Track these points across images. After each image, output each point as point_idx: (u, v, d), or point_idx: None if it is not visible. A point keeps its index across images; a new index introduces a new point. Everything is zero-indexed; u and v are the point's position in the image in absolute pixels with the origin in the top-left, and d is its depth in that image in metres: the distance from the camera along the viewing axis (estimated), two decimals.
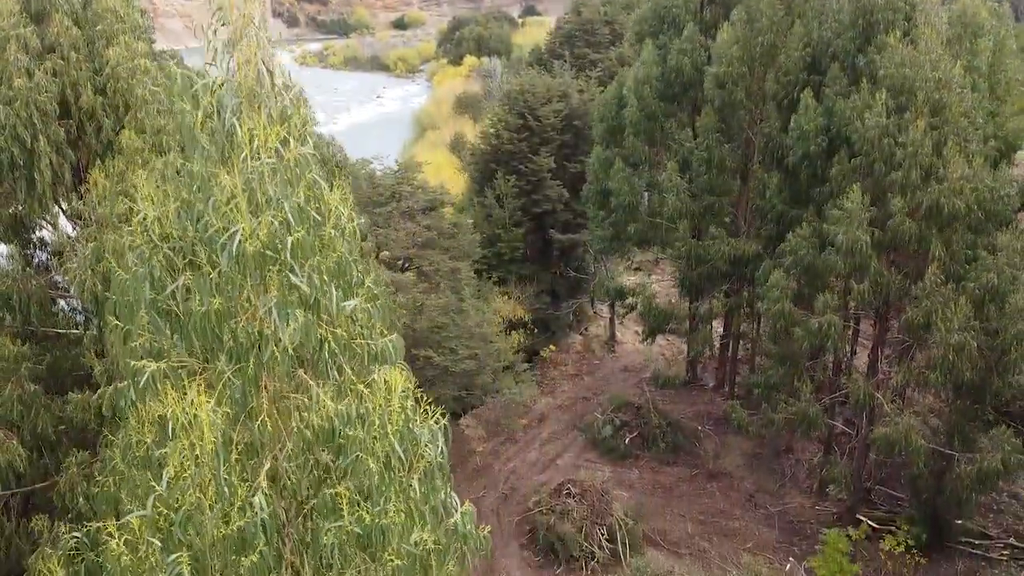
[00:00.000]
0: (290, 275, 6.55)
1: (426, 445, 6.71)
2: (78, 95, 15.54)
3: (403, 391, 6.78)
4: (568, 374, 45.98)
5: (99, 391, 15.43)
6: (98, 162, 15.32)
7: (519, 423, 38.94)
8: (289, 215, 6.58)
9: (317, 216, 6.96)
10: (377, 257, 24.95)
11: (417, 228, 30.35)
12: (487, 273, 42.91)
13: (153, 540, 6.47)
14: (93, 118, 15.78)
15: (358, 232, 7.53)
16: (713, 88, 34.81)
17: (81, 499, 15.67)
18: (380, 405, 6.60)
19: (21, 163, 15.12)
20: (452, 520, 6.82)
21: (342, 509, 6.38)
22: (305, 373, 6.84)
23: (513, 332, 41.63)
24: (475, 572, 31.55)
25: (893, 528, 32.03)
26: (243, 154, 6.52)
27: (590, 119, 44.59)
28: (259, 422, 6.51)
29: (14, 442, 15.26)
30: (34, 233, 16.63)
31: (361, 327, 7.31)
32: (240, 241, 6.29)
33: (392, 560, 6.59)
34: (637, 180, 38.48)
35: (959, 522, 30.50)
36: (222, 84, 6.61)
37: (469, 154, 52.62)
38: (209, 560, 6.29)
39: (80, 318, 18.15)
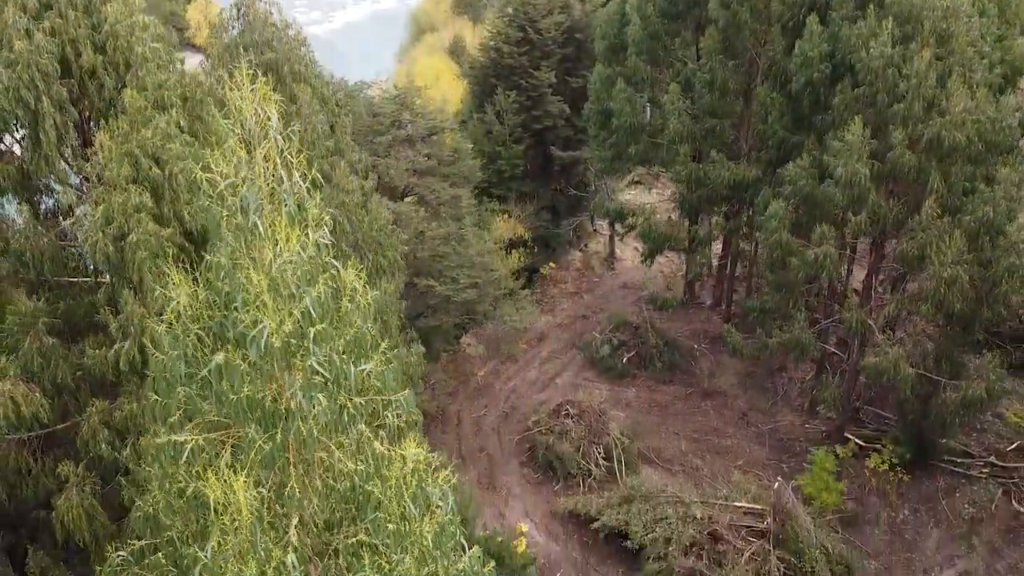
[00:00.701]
0: (313, 362, 6.99)
1: (438, 502, 7.26)
2: (78, 53, 15.50)
3: (415, 456, 7.31)
4: (567, 292, 46.66)
5: (115, 346, 16.04)
6: (103, 123, 15.43)
7: (520, 347, 39.79)
8: (311, 309, 6.96)
9: (333, 303, 7.35)
10: (377, 189, 25.11)
11: (417, 156, 30.34)
12: (487, 192, 42.99)
13: None
14: (94, 76, 15.79)
15: (372, 304, 7.90)
16: (717, 8, 34.09)
17: (103, 446, 16.49)
18: (396, 474, 7.15)
19: (26, 124, 15.27)
20: (463, 561, 7.39)
21: (364, 556, 7.04)
22: (327, 435, 7.36)
23: (513, 251, 42.04)
24: (478, 486, 33.10)
25: (879, 446, 33.35)
26: (268, 257, 6.86)
27: (592, 34, 43.73)
28: (288, 489, 7.08)
29: (37, 395, 15.96)
30: (42, 193, 16.87)
31: (378, 385, 7.83)
32: (268, 336, 6.71)
33: None
34: (640, 99, 38.12)
35: (943, 441, 31.68)
36: (244, 183, 6.84)
37: (468, 66, 51.71)
38: None
39: (91, 266, 18.48)
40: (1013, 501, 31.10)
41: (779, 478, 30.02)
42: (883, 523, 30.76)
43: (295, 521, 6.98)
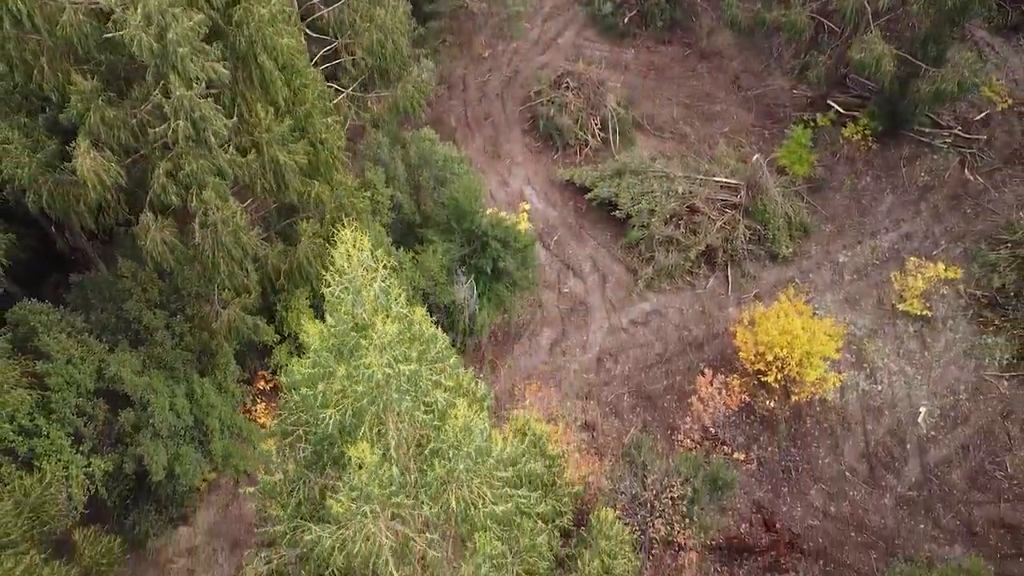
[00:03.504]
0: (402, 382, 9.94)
1: (478, 432, 10.50)
2: None
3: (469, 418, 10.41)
4: None
5: (171, 123, 18.21)
6: None
7: (522, 27, 39.67)
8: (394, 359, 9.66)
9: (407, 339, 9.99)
10: None
11: None
12: None
13: None
14: None
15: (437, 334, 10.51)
16: None
17: (173, 198, 19.52)
18: (453, 421, 10.41)
19: None
20: (490, 461, 10.73)
21: (435, 462, 10.62)
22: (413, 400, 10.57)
23: None
24: (483, 154, 36.41)
25: (857, 114, 35.92)
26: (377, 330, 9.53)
27: None
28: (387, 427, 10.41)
29: (113, 164, 18.61)
30: None
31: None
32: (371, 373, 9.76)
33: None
34: None
35: (914, 115, 34.10)
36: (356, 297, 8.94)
37: None
38: None
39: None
40: (966, 170, 34.58)
41: (757, 155, 33.17)
42: (845, 189, 34.58)
43: (392, 443, 10.54)
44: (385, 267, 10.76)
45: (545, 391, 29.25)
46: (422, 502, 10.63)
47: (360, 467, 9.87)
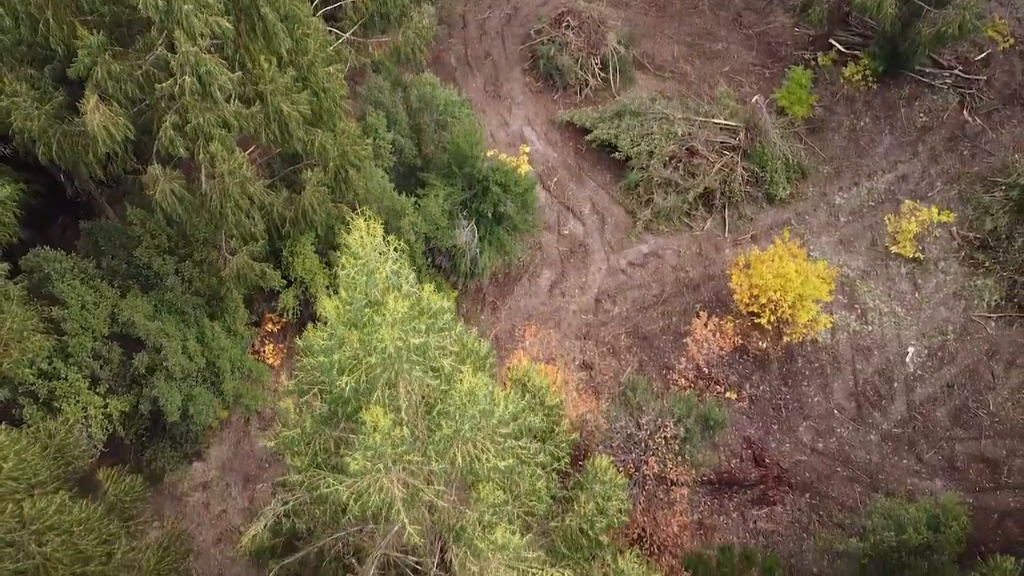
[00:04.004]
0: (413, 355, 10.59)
1: (482, 395, 11.19)
2: None
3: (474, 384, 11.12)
4: None
5: (176, 79, 18.52)
6: None
7: None
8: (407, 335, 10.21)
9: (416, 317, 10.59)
10: None
11: None
12: None
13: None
14: None
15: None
16: None
17: (181, 150, 19.96)
18: (459, 386, 11.07)
19: None
20: (495, 418, 11.47)
21: (442, 422, 11.39)
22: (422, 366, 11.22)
23: None
24: (483, 94, 36.47)
25: (858, 53, 35.85)
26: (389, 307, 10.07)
27: None
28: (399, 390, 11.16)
29: (121, 118, 18.99)
30: None
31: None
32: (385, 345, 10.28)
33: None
34: None
35: (915, 56, 34.06)
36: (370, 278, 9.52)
37: None
38: None
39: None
40: (964, 111, 34.73)
41: (757, 96, 33.29)
42: (844, 130, 34.80)
43: (404, 406, 11.26)
44: (396, 250, 11.41)
45: (544, 332, 30.10)
46: (431, 458, 11.50)
47: (375, 429, 10.70)
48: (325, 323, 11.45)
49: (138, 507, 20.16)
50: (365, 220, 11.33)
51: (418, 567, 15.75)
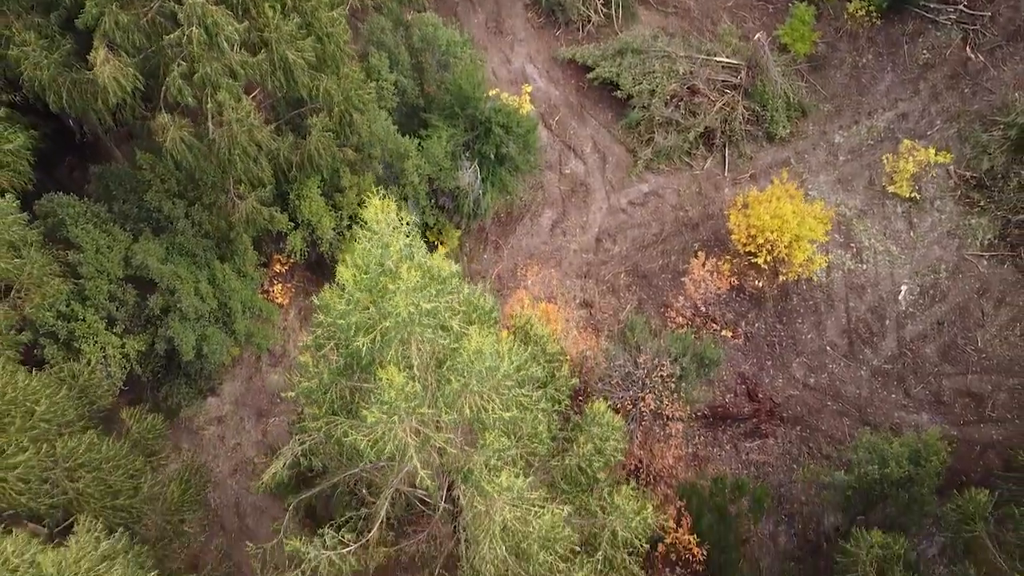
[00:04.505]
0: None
1: (487, 353, 11.89)
2: None
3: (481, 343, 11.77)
4: None
5: (185, 29, 18.77)
6: None
7: None
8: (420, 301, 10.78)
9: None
10: None
11: None
12: None
13: None
14: None
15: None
16: None
17: (189, 99, 20.31)
18: (467, 343, 11.78)
19: None
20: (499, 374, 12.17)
21: (451, 377, 12.13)
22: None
23: None
24: (485, 31, 36.34)
25: None
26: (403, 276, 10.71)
27: None
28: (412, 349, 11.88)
29: (130, 68, 19.28)
30: None
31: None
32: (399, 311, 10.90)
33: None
34: None
35: None
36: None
37: None
38: None
39: None
40: (967, 48, 34.61)
41: (759, 34, 33.18)
42: (846, 67, 34.79)
43: (416, 363, 11.99)
44: (407, 223, 12.02)
45: (545, 271, 30.81)
46: (441, 410, 12.35)
47: (390, 386, 11.51)
48: (343, 288, 12.15)
49: (159, 443, 21.23)
50: (380, 198, 11.93)
51: (427, 499, 16.84)
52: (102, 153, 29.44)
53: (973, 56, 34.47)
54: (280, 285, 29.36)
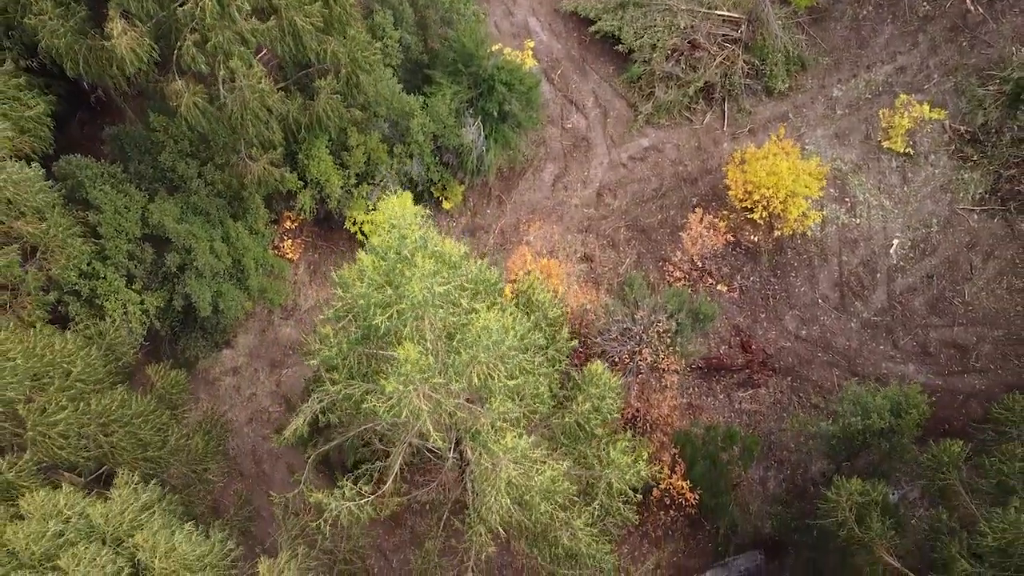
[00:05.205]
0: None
1: (493, 328, 12.88)
2: None
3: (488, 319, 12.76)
4: None
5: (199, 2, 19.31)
6: None
7: None
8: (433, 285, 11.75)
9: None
10: None
11: None
12: None
13: None
14: None
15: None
16: None
17: (202, 66, 20.97)
18: (475, 320, 12.77)
19: None
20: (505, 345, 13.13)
21: (460, 349, 13.16)
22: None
23: None
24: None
25: None
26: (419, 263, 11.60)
27: None
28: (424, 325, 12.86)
29: (145, 39, 19.88)
30: None
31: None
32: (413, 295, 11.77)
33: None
34: None
35: None
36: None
37: None
38: None
39: None
40: (967, 0, 34.80)
41: None
42: (846, 19, 35.00)
43: (429, 338, 13.01)
44: (422, 217, 12.94)
45: (547, 226, 31.67)
46: (451, 379, 13.44)
47: (406, 360, 12.59)
48: (362, 272, 13.16)
49: (182, 397, 22.47)
50: (397, 198, 12.88)
51: (436, 452, 18.11)
52: (113, 111, 30.05)
53: (973, 8, 34.66)
54: (290, 241, 30.30)
